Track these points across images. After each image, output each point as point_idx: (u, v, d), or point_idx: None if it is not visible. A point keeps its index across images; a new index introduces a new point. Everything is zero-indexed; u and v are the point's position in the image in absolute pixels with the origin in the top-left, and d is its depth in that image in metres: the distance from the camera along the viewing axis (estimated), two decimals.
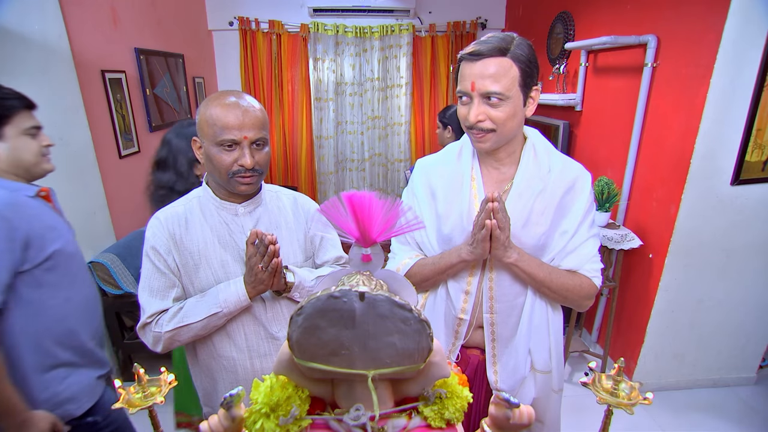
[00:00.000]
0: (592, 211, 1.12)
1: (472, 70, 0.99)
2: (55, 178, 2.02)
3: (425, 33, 4.21)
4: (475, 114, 0.99)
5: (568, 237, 1.09)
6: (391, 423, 0.62)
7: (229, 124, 1.01)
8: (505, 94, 0.97)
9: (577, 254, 1.10)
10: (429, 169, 1.19)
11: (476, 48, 0.98)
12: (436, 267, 1.12)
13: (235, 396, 0.58)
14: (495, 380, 1.15)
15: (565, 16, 3.08)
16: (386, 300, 0.51)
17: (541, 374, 1.16)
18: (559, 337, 1.18)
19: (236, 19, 3.93)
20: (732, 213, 2.09)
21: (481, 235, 1.00)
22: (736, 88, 1.88)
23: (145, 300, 1.08)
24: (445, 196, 1.13)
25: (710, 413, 2.25)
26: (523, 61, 0.98)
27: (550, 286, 1.07)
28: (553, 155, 1.12)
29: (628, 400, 0.64)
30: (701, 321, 2.30)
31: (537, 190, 1.07)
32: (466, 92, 1.01)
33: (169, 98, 3.15)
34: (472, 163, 1.13)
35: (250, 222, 1.13)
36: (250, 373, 1.15)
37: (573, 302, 1.12)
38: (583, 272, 1.11)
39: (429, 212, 1.16)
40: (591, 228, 1.12)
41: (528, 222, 1.07)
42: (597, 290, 1.13)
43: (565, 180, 1.09)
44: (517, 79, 0.98)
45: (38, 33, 1.93)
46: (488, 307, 1.12)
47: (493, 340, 1.14)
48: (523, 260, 1.05)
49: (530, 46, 1.01)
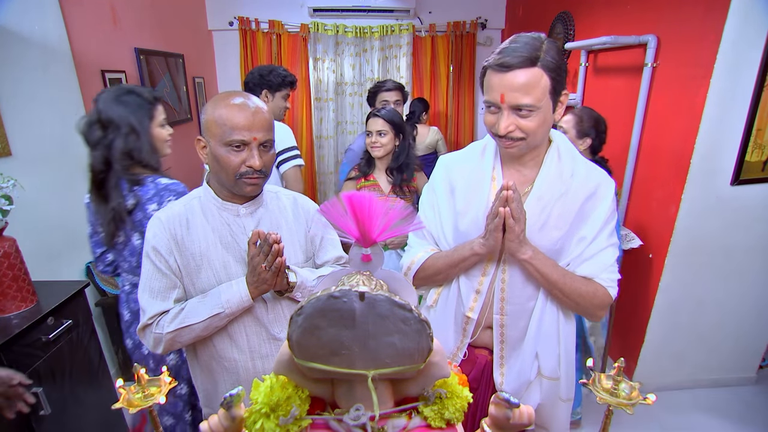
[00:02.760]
0: (613, 219, 1.09)
1: (501, 82, 0.94)
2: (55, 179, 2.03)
3: (425, 33, 4.21)
4: (504, 126, 0.97)
5: (586, 243, 1.07)
6: (391, 423, 0.62)
7: (239, 125, 1.01)
8: (535, 106, 0.94)
9: (594, 262, 1.07)
10: (451, 165, 1.19)
11: (505, 59, 0.93)
12: (449, 260, 1.12)
13: (235, 396, 0.58)
14: (501, 382, 1.15)
15: (565, 16, 3.08)
16: (386, 300, 0.51)
17: (549, 380, 1.15)
18: (570, 347, 1.16)
19: (236, 19, 3.93)
20: (732, 213, 2.09)
21: (494, 225, 0.98)
22: (736, 88, 1.88)
23: (145, 301, 1.07)
24: (464, 194, 1.13)
25: (710, 413, 2.25)
26: (553, 69, 0.94)
27: (562, 289, 1.05)
28: (577, 160, 1.10)
29: (628, 400, 0.64)
30: (701, 321, 2.30)
31: (558, 193, 1.05)
32: (495, 103, 0.97)
33: (169, 98, 3.15)
34: (494, 163, 1.12)
35: (252, 223, 1.13)
36: (252, 374, 1.15)
37: (585, 310, 1.10)
38: (599, 281, 1.08)
39: (447, 208, 1.16)
40: (610, 237, 1.09)
41: (545, 225, 1.06)
42: (612, 300, 1.09)
43: (587, 186, 1.07)
44: (547, 88, 0.95)
45: (38, 33, 1.93)
46: (499, 308, 1.11)
47: (502, 342, 1.14)
48: (537, 258, 1.03)
49: (558, 47, 0.97)
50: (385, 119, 1.97)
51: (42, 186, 1.90)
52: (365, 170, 2.07)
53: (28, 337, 1.41)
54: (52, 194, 2.00)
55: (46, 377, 1.46)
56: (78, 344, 1.63)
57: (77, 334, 1.63)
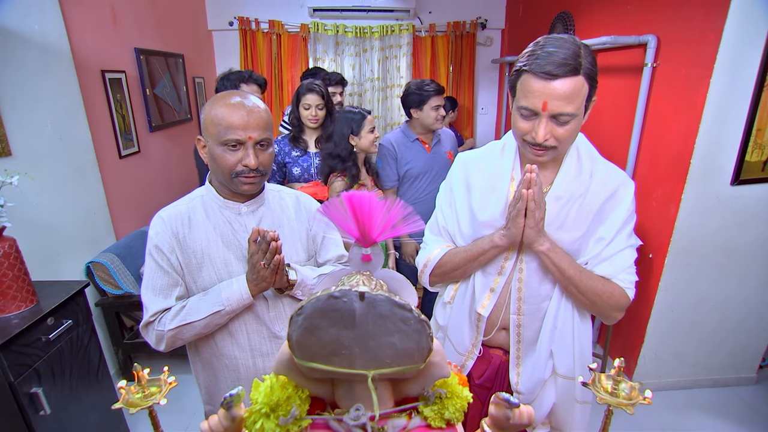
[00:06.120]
0: (631, 221, 1.09)
1: (545, 90, 0.92)
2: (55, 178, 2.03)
3: (425, 33, 4.21)
4: (543, 134, 0.95)
5: (604, 244, 1.06)
6: (391, 423, 0.62)
7: (234, 124, 1.01)
8: (575, 114, 0.94)
9: (612, 262, 1.06)
10: (468, 163, 1.18)
11: (549, 67, 0.91)
12: (467, 254, 1.11)
13: (235, 396, 0.58)
14: (516, 382, 1.15)
15: (565, 16, 3.08)
16: (386, 300, 0.51)
17: (564, 379, 1.14)
18: (587, 347, 1.15)
19: (236, 19, 3.93)
20: (732, 213, 2.09)
21: (516, 210, 0.98)
22: (736, 88, 1.88)
23: (148, 299, 1.08)
24: (481, 192, 1.12)
25: (710, 413, 2.25)
26: (592, 76, 0.94)
27: (578, 286, 1.04)
28: (596, 161, 1.09)
29: (628, 400, 0.64)
30: (701, 321, 2.30)
31: (576, 194, 1.05)
32: (535, 110, 0.95)
33: (169, 98, 3.15)
34: (514, 163, 1.11)
35: (253, 221, 1.13)
36: (252, 372, 1.15)
37: (601, 310, 1.08)
38: (617, 281, 1.07)
39: (463, 206, 1.16)
40: (629, 238, 1.08)
41: (564, 225, 1.05)
42: (629, 302, 1.08)
43: (606, 187, 1.06)
44: (585, 96, 0.94)
45: (38, 33, 1.93)
46: (516, 308, 1.11)
47: (519, 342, 1.13)
48: (555, 252, 1.03)
49: (591, 51, 0.95)
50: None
51: (42, 186, 1.90)
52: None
53: (28, 337, 1.41)
54: (52, 194, 2.00)
55: (46, 377, 1.47)
56: (78, 344, 1.64)
57: (77, 334, 1.63)
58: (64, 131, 2.08)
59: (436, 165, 2.40)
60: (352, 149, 2.03)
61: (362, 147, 2.04)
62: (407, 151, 2.37)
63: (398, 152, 2.36)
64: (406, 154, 2.36)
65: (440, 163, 2.41)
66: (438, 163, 2.41)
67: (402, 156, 2.36)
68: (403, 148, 2.37)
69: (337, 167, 2.04)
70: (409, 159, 2.36)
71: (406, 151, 2.37)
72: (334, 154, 2.04)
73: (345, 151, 2.02)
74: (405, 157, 2.36)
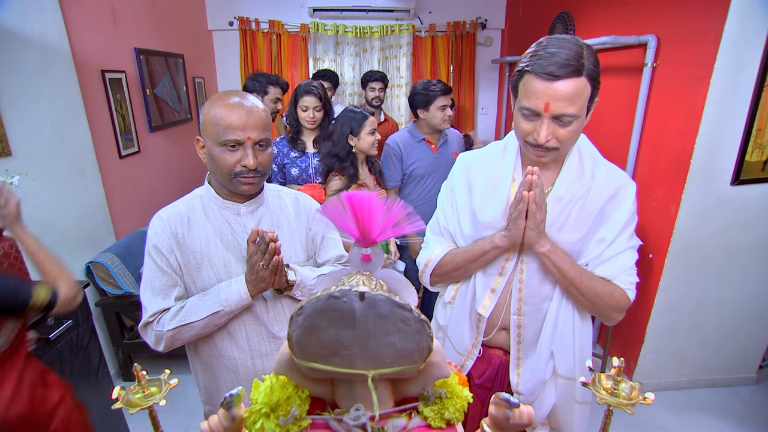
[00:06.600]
0: (633, 222, 1.09)
1: (547, 90, 0.92)
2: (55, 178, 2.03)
3: (425, 33, 4.21)
4: (545, 135, 0.95)
5: (605, 245, 1.06)
6: (391, 423, 0.62)
7: (233, 125, 1.01)
8: (577, 115, 0.94)
9: (613, 263, 1.07)
10: (470, 164, 1.18)
11: (551, 68, 0.91)
12: (468, 255, 1.11)
13: (235, 396, 0.58)
14: (517, 383, 1.15)
15: (565, 16, 3.08)
16: (386, 300, 0.51)
17: (564, 380, 1.14)
18: (587, 348, 1.15)
19: (236, 19, 3.93)
20: (732, 213, 2.09)
21: (517, 212, 0.98)
22: (736, 88, 1.88)
23: (147, 299, 1.08)
24: (482, 193, 1.12)
25: (710, 413, 2.25)
26: (594, 77, 0.94)
27: (579, 287, 1.04)
28: (598, 162, 1.09)
29: (628, 400, 0.64)
30: (701, 321, 2.30)
31: (577, 195, 1.05)
32: (537, 111, 0.95)
33: (169, 98, 3.15)
34: (516, 163, 1.11)
35: (253, 221, 1.13)
36: (252, 372, 1.15)
37: (602, 311, 1.08)
38: (617, 282, 1.07)
39: (464, 207, 1.16)
40: (630, 239, 1.08)
41: (564, 226, 1.05)
42: (629, 304, 1.08)
43: (608, 188, 1.06)
44: (588, 97, 0.95)
45: (38, 33, 1.93)
46: (516, 308, 1.11)
47: (519, 343, 1.13)
48: (555, 253, 1.03)
49: (594, 52, 0.95)
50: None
51: (42, 186, 1.90)
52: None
53: None
54: (52, 194, 2.00)
55: None
56: (78, 344, 1.63)
57: (77, 334, 1.63)
58: (64, 131, 2.08)
59: (442, 165, 2.40)
60: (350, 149, 2.02)
61: (361, 148, 2.03)
62: (413, 150, 2.37)
63: (403, 152, 2.36)
64: (411, 154, 2.37)
65: (446, 163, 2.41)
66: (444, 163, 2.41)
67: (407, 156, 2.36)
68: (408, 148, 2.37)
69: (335, 166, 2.04)
70: (415, 159, 2.36)
71: (411, 151, 2.37)
72: (332, 153, 2.03)
73: (343, 150, 2.01)
74: (410, 157, 2.36)
